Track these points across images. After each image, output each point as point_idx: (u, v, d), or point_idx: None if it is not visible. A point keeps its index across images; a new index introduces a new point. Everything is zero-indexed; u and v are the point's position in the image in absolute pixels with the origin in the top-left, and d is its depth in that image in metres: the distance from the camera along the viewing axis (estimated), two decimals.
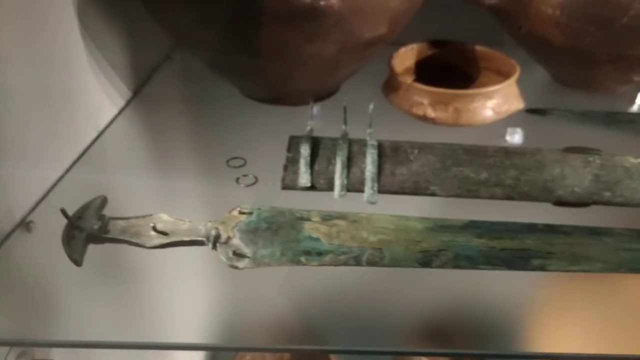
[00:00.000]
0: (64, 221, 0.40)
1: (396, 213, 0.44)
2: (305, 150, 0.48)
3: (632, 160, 0.46)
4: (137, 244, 0.40)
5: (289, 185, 0.48)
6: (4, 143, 0.43)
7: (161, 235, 0.40)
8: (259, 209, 0.42)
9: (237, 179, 0.51)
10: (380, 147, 0.49)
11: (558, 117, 0.61)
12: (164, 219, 0.41)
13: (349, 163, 0.48)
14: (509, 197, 0.46)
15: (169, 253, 0.40)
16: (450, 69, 0.67)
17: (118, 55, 0.63)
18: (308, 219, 0.41)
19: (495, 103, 0.56)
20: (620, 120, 0.59)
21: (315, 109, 0.62)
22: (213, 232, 0.40)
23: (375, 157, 0.48)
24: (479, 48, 0.65)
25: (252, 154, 0.55)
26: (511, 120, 0.59)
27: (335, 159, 0.48)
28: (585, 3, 0.55)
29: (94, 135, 0.57)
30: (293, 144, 0.50)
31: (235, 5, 0.48)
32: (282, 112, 0.63)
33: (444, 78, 0.66)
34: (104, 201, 0.43)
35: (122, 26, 0.64)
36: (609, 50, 0.57)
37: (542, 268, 0.38)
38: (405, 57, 0.65)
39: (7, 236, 0.43)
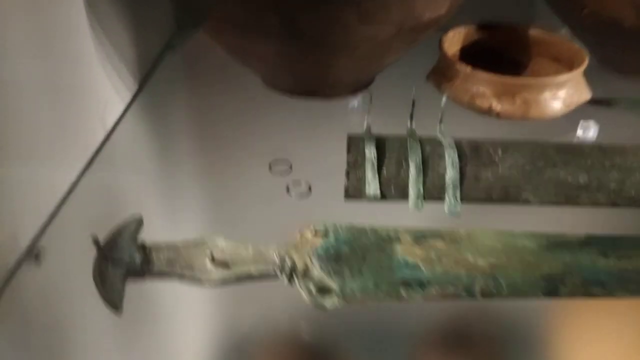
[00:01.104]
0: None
1: (475, 225, 0.37)
2: (370, 152, 0.41)
3: None
4: (191, 280, 0.31)
5: (353, 194, 0.40)
6: (12, 144, 0.34)
7: (221, 268, 0.32)
8: (336, 228, 0.34)
9: (287, 188, 0.42)
10: (457, 147, 0.41)
11: (624, 107, 0.55)
12: (220, 245, 0.33)
13: (424, 167, 0.40)
14: (614, 204, 0.40)
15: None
16: (499, 55, 0.60)
17: (124, 45, 0.53)
18: (397, 240, 0.34)
19: (567, 93, 0.50)
20: None
21: (357, 101, 0.54)
22: (287, 261, 0.31)
23: (456, 159, 0.40)
24: (533, 32, 0.58)
25: (292, 157, 0.46)
26: (576, 113, 0.52)
27: (405, 162, 0.41)
28: None
29: (102, 134, 0.48)
30: (353, 144, 0.42)
31: None
32: (313, 107, 0.55)
33: (494, 66, 0.59)
34: (139, 224, 0.34)
35: (126, 11, 0.54)
36: None
37: None
38: (452, 42, 0.57)
39: (13, 271, 0.34)
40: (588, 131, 0.50)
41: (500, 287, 0.32)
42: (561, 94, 0.49)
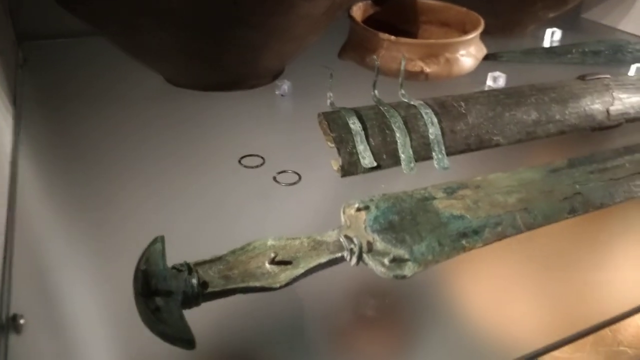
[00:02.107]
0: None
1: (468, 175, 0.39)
2: (355, 124, 0.40)
3: (633, 77, 0.49)
4: (262, 288, 0.27)
5: (349, 170, 0.39)
6: None
7: (284, 267, 0.28)
8: (372, 200, 0.33)
9: (274, 178, 0.39)
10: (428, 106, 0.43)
11: (508, 58, 0.62)
12: (271, 245, 0.29)
13: (406, 130, 0.41)
14: (561, 132, 0.45)
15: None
16: (391, 27, 0.63)
17: None
18: (433, 198, 0.34)
19: (475, 49, 0.55)
20: (559, 53, 0.63)
21: (286, 86, 0.52)
22: (355, 241, 0.29)
23: (433, 116, 0.41)
24: (420, 2, 0.62)
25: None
26: (481, 67, 0.58)
27: (388, 129, 0.40)
28: None
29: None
30: (332, 121, 0.40)
31: None
32: (228, 99, 0.51)
33: None
34: (163, 242, 0.28)
35: None
36: None
37: None
38: (357, 17, 0.59)
39: None
40: (499, 79, 0.56)
41: (536, 216, 0.34)
42: (472, 51, 0.54)
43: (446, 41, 0.52)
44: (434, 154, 0.41)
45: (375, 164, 0.39)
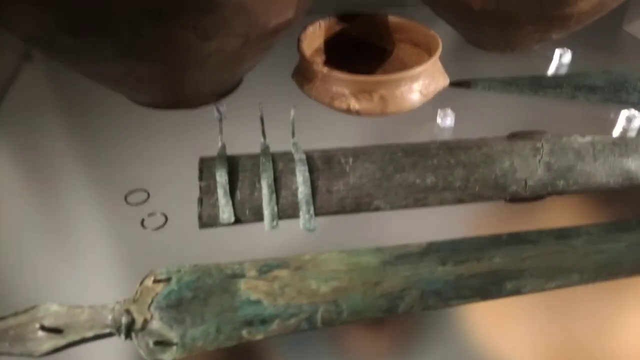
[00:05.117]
0: None
1: (341, 237, 0.38)
2: (222, 176, 0.40)
3: (580, 139, 0.43)
4: (20, 354, 0.30)
5: (208, 222, 0.39)
6: None
7: (53, 335, 0.30)
8: (179, 271, 0.33)
9: (142, 221, 0.41)
10: (309, 160, 0.41)
11: (483, 88, 0.57)
12: (53, 310, 0.31)
13: (277, 185, 0.40)
14: (460, 201, 0.41)
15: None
16: (363, 44, 0.60)
17: None
18: (242, 276, 0.34)
19: (423, 84, 0.51)
20: (546, 85, 0.56)
21: (222, 109, 0.53)
22: (124, 319, 0.31)
23: (307, 174, 0.40)
24: (392, 19, 0.58)
25: (156, 179, 0.45)
26: (438, 98, 0.53)
27: (259, 182, 0.40)
28: None
29: None
30: (205, 168, 0.41)
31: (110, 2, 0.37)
32: (181, 117, 0.53)
33: (358, 54, 0.60)
34: None
35: None
36: (533, 11, 0.53)
37: (518, 292, 0.34)
38: (314, 37, 0.57)
39: None
40: (446, 119, 0.51)
41: (342, 312, 0.32)
42: (416, 86, 0.50)
43: (380, 78, 0.48)
44: (301, 214, 0.40)
45: (232, 220, 0.39)
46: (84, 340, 0.31)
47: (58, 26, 0.39)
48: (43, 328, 0.30)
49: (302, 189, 0.40)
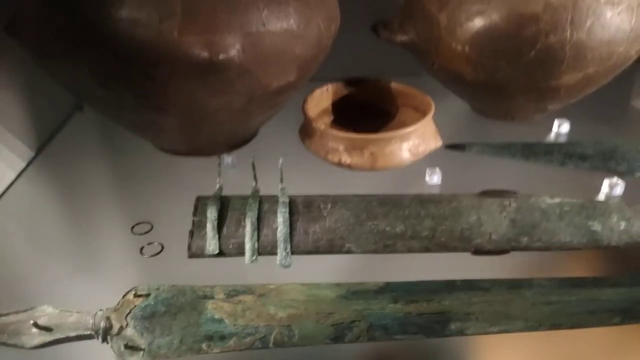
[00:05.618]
0: None
1: (314, 274, 0.42)
2: (212, 213, 0.45)
3: (549, 200, 0.46)
4: (14, 345, 0.35)
5: (196, 253, 0.44)
6: None
7: (44, 332, 0.36)
8: (158, 289, 0.38)
9: (142, 249, 0.47)
10: (292, 204, 0.46)
11: (477, 152, 0.60)
12: (48, 312, 0.37)
13: (260, 224, 0.45)
14: (427, 250, 0.44)
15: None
16: (368, 107, 0.65)
17: (14, 113, 0.58)
18: (211, 297, 0.38)
19: (412, 144, 0.55)
20: (537, 152, 0.59)
21: (230, 159, 0.59)
22: (102, 324, 0.36)
23: (287, 215, 0.45)
24: (394, 85, 0.64)
25: (164, 215, 0.51)
26: (431, 158, 0.57)
27: (244, 221, 0.45)
28: (493, 39, 0.54)
29: None
30: (200, 206, 0.46)
31: (131, 61, 0.45)
32: (197, 164, 0.59)
33: (362, 117, 0.65)
34: None
35: (16, 80, 0.59)
36: (521, 83, 0.57)
37: (460, 332, 0.36)
38: (321, 99, 0.63)
39: None
40: (433, 177, 0.55)
41: (293, 336, 0.36)
42: (406, 146, 0.55)
43: (370, 136, 0.53)
44: (278, 251, 0.44)
45: (217, 252, 0.44)
46: (68, 339, 0.36)
47: (90, 79, 0.47)
48: (37, 326, 0.36)
49: (281, 228, 0.44)
